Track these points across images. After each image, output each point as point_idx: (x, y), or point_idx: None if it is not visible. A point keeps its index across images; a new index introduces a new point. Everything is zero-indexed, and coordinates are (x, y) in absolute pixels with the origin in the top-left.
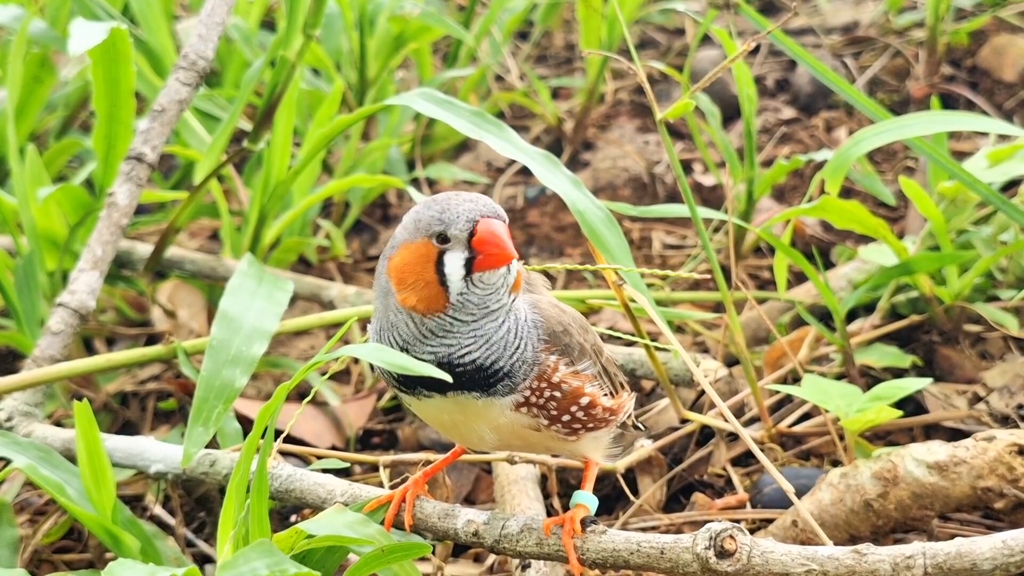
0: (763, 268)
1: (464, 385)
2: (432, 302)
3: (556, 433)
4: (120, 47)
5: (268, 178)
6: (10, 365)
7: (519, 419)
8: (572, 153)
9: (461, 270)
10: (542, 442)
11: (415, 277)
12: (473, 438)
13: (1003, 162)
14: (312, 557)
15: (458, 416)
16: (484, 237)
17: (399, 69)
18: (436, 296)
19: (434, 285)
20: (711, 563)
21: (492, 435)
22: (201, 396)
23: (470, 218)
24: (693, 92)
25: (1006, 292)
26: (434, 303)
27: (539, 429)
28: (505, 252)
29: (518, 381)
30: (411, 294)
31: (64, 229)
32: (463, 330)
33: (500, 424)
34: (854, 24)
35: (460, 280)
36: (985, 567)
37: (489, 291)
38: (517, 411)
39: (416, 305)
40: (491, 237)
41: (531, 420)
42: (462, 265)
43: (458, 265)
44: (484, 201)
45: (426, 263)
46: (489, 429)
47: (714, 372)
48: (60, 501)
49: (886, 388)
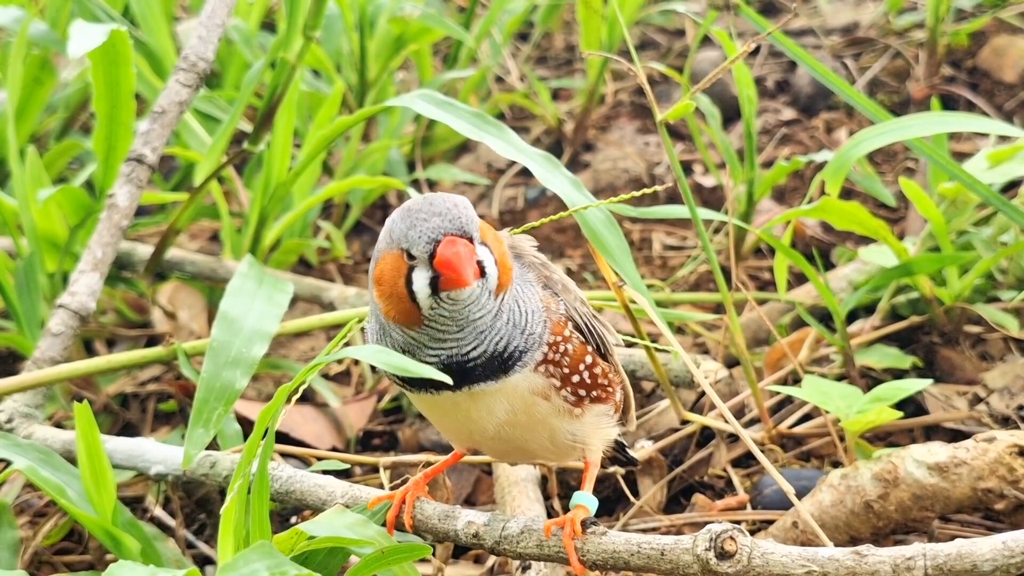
0: (763, 269)
1: (478, 377)
2: (408, 315)
3: (564, 402)
4: (120, 49)
5: (268, 179)
6: (10, 367)
7: (535, 382)
8: (572, 154)
9: (427, 288)
10: (547, 419)
11: (390, 290)
12: (476, 428)
13: (1003, 163)
14: (313, 559)
15: (468, 404)
16: (442, 260)
17: (399, 70)
18: (410, 311)
19: (406, 300)
20: (711, 564)
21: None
22: (201, 398)
23: (431, 238)
24: (693, 93)
25: (1006, 293)
26: (409, 316)
27: (549, 397)
28: (461, 277)
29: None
30: (389, 306)
31: (64, 231)
32: (456, 336)
33: (513, 398)
34: (854, 25)
35: (428, 297)
36: (985, 568)
37: (461, 306)
38: (535, 371)
39: (396, 317)
40: (448, 260)
41: (545, 381)
42: (427, 284)
43: (423, 283)
44: (454, 215)
45: (398, 277)
46: (501, 410)
47: (714, 373)
48: (60, 503)
49: (886, 389)
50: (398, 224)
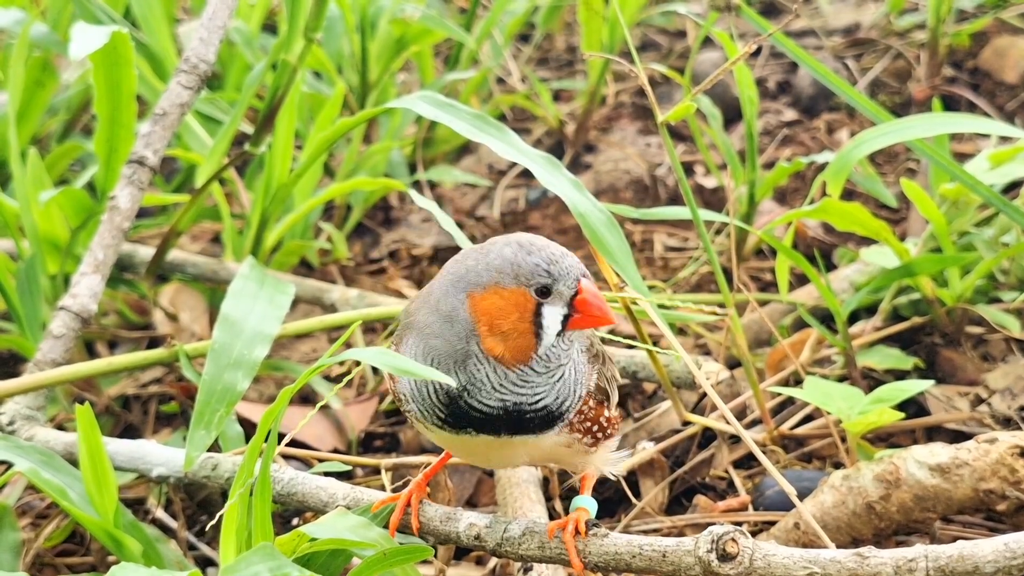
0: (765, 270)
1: (525, 429)
2: (520, 353)
3: (583, 446)
4: (121, 51)
5: (270, 181)
6: (12, 369)
7: (561, 439)
8: (573, 155)
9: (558, 326)
10: (566, 458)
11: (510, 326)
12: (503, 464)
13: (1005, 164)
14: (315, 560)
15: (497, 448)
16: (589, 299)
17: (400, 72)
18: (526, 348)
19: (528, 336)
20: (713, 566)
21: (526, 460)
22: (203, 399)
23: (576, 275)
24: (694, 94)
25: (1008, 294)
26: (522, 355)
27: (571, 445)
28: (607, 317)
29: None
30: (500, 343)
31: (66, 232)
32: (537, 380)
33: (542, 448)
34: (855, 26)
35: (555, 335)
36: (987, 570)
37: (569, 347)
38: (560, 434)
39: (503, 355)
40: (595, 299)
41: (568, 438)
42: (559, 321)
43: (556, 320)
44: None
45: (522, 313)
46: (527, 456)
47: (716, 374)
48: (62, 505)
49: (888, 390)
50: (525, 260)
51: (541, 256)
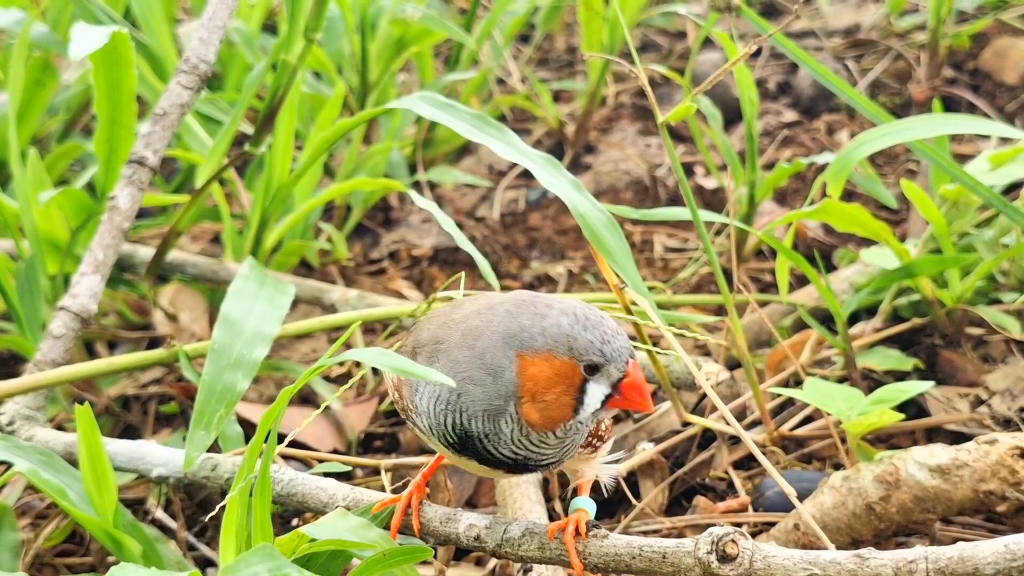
0: (765, 271)
1: (524, 471)
2: (552, 423)
3: (584, 454)
4: (121, 51)
5: (270, 181)
6: (12, 369)
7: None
8: (573, 156)
9: (598, 404)
10: (567, 466)
11: (553, 397)
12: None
13: (1005, 165)
14: (315, 561)
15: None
16: (634, 384)
17: (400, 72)
18: (559, 419)
19: (566, 410)
20: (713, 567)
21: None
22: (203, 400)
23: (626, 358)
24: (695, 95)
25: (1008, 295)
26: (552, 424)
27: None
28: (647, 405)
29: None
30: (538, 411)
31: (66, 233)
32: (554, 443)
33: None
34: (856, 27)
35: (591, 412)
36: (987, 571)
37: (595, 422)
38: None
39: (536, 421)
40: (640, 385)
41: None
42: (601, 400)
43: (598, 399)
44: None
45: (567, 387)
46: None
47: (716, 375)
48: (62, 505)
49: (888, 391)
50: (581, 336)
51: (596, 334)
